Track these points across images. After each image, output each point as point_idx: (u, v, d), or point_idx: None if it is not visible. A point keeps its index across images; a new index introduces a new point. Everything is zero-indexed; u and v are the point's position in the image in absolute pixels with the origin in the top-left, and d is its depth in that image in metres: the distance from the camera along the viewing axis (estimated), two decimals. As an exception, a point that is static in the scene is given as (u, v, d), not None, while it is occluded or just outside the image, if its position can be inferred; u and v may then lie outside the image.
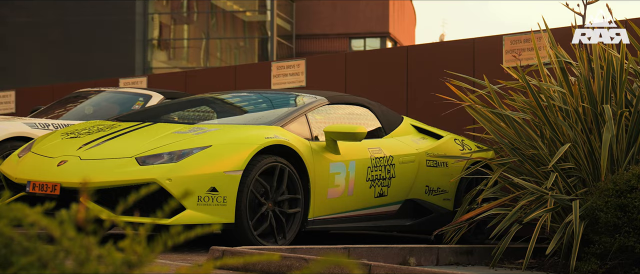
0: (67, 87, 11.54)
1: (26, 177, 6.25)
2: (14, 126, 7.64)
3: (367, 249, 6.09)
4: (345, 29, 34.42)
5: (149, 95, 8.74)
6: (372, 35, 34.37)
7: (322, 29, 34.60)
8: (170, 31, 33.29)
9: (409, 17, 39.21)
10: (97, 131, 6.68)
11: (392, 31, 34.51)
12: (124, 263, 1.78)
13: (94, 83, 11.72)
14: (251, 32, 34.47)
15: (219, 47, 33.51)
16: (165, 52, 32.98)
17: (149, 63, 31.02)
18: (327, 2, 34.51)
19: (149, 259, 1.79)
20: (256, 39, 33.95)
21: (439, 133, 7.84)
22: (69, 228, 1.71)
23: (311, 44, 34.52)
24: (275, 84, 10.05)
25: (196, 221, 5.90)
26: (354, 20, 34.28)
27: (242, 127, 6.60)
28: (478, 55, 8.64)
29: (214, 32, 33.26)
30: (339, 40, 34.43)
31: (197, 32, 33.15)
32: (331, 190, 6.69)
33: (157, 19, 32.12)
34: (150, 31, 31.48)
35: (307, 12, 34.64)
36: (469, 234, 7.49)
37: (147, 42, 31.01)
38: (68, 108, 8.94)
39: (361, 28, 34.30)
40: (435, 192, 7.50)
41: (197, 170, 5.96)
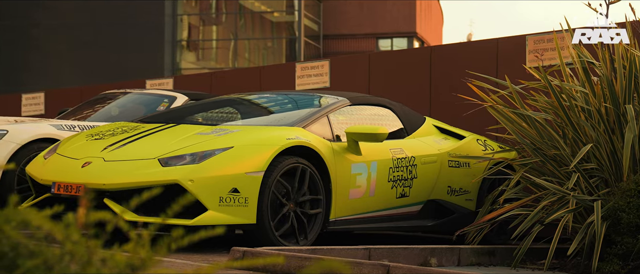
0: (95, 89, 11.66)
1: (51, 178, 6.33)
2: (40, 127, 7.73)
3: (388, 249, 6.11)
4: (372, 29, 34.40)
5: (173, 96, 8.81)
6: (399, 35, 34.32)
7: (349, 29, 34.60)
8: (199, 32, 33.44)
9: (436, 17, 39.11)
10: (121, 132, 6.74)
11: (419, 31, 34.45)
12: (128, 265, 1.82)
13: (121, 84, 11.83)
14: (279, 32, 34.56)
15: (248, 48, 33.62)
16: (194, 53, 33.14)
17: (177, 64, 31.18)
18: (354, 2, 34.50)
19: (153, 262, 1.83)
20: (284, 40, 34.03)
21: (462, 133, 7.85)
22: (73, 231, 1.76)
23: (338, 44, 34.54)
24: (299, 84, 10.09)
25: (218, 222, 5.94)
26: (381, 20, 34.25)
27: (263, 129, 6.64)
28: (501, 56, 8.63)
29: (243, 33, 33.37)
30: (366, 40, 34.41)
31: (226, 33, 33.28)
32: (353, 191, 6.71)
33: (186, 20, 32.29)
34: (179, 32, 31.64)
35: (335, 13, 34.66)
36: (492, 235, 7.49)
37: (176, 43, 31.17)
38: (95, 110, 9.03)
39: (388, 28, 34.26)
40: (458, 192, 7.51)
41: (219, 171, 6.00)
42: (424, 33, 35.36)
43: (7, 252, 1.83)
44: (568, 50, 6.96)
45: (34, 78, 31.01)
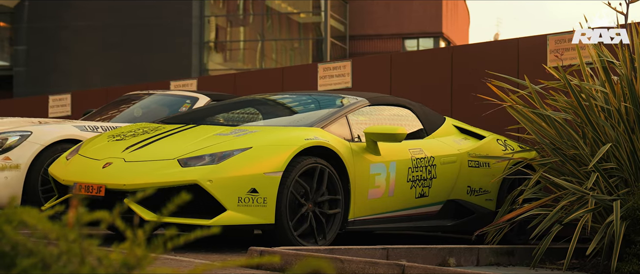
0: (120, 90, 11.76)
1: (73, 178, 6.40)
2: (64, 128, 7.81)
3: (406, 249, 6.12)
4: (398, 29, 34.35)
5: (195, 97, 8.87)
6: (425, 36, 34.26)
7: (375, 30, 34.58)
8: (226, 33, 33.57)
9: (462, 16, 38.98)
10: (142, 133, 6.80)
11: (445, 31, 34.36)
12: (123, 264, 1.86)
13: (145, 86, 11.92)
14: (306, 33, 34.61)
15: (275, 49, 33.71)
16: (221, 54, 33.26)
17: (205, 65, 31.31)
18: (380, 3, 34.47)
19: (148, 261, 1.86)
20: (310, 41, 34.07)
21: (482, 133, 7.84)
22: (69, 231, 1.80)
23: (364, 45, 34.53)
24: (321, 85, 10.13)
25: (236, 222, 5.99)
26: (407, 21, 34.19)
27: (282, 129, 6.68)
28: (523, 55, 8.61)
29: (270, 34, 33.46)
30: (392, 40, 34.37)
31: (253, 34, 33.38)
32: (371, 191, 6.73)
33: (213, 22, 32.42)
34: (207, 33, 31.77)
35: (361, 13, 34.65)
36: (512, 235, 7.48)
37: (203, 45, 31.31)
38: (118, 111, 9.11)
39: (414, 28, 34.20)
40: (477, 192, 7.50)
41: (238, 171, 6.04)
42: (450, 33, 35.27)
43: (7, 251, 1.88)
44: (588, 50, 6.94)
45: (63, 80, 31.29)
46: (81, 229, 1.79)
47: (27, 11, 32.94)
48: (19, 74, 33.02)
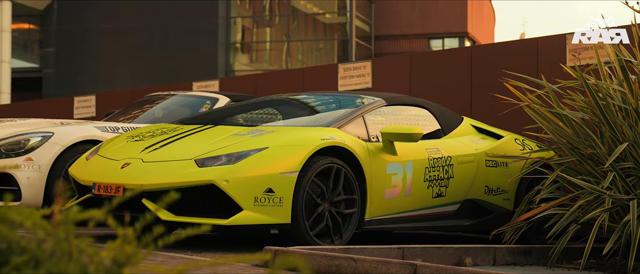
0: (144, 91, 11.85)
1: (92, 179, 6.46)
2: (85, 129, 7.89)
3: (421, 249, 6.13)
4: (423, 29, 34.31)
5: (215, 98, 8.93)
6: (450, 35, 34.19)
7: (400, 30, 34.55)
8: (252, 34, 33.68)
9: (487, 16, 38.85)
10: (160, 134, 6.86)
11: (471, 31, 34.26)
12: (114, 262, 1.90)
13: (167, 87, 12.01)
14: (331, 34, 34.65)
15: (301, 50, 33.77)
16: (247, 55, 33.38)
17: (231, 66, 31.44)
18: (405, 3, 34.44)
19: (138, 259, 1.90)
20: (336, 41, 34.11)
21: (500, 133, 7.84)
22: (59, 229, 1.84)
23: (390, 45, 34.52)
24: (342, 85, 10.16)
25: (253, 221, 6.02)
26: (432, 21, 34.15)
27: (298, 129, 6.71)
28: (542, 55, 8.59)
29: (296, 34, 33.54)
30: (418, 40, 34.34)
31: (279, 34, 33.48)
32: (388, 190, 6.75)
33: (239, 23, 32.55)
34: (233, 34, 31.90)
35: (386, 13, 34.65)
36: (530, 234, 7.48)
37: (229, 46, 31.44)
38: (140, 112, 9.19)
39: (439, 28, 34.15)
40: (495, 192, 7.50)
41: (254, 171, 6.07)
42: (475, 33, 35.17)
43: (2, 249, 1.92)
44: (606, 50, 6.92)
45: (91, 81, 31.55)
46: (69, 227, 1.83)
47: (55, 14, 33.27)
48: (48, 75, 33.35)
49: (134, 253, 1.95)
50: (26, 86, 33.75)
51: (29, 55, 35.69)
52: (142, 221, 2.00)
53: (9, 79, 30.10)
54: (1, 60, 29.86)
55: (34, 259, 1.91)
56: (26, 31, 35.48)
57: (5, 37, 29.98)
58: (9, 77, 30.10)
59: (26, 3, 32.12)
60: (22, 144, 7.67)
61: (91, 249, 1.90)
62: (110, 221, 1.98)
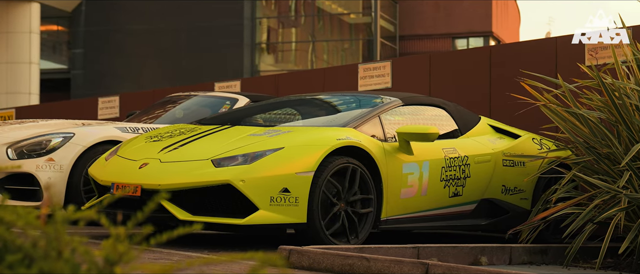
0: (166, 92, 11.93)
1: (111, 179, 6.53)
2: (105, 130, 7.98)
3: (437, 248, 6.15)
4: (447, 29, 34.25)
5: (235, 99, 8.99)
6: (475, 35, 34.10)
7: (425, 30, 34.52)
8: (277, 34, 33.77)
9: (512, 15, 38.70)
10: (178, 134, 6.92)
11: (495, 30, 34.15)
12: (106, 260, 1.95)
13: (190, 87, 12.09)
14: (357, 34, 34.67)
15: (326, 50, 33.82)
16: (272, 56, 33.49)
17: (256, 66, 31.55)
18: (430, 3, 34.40)
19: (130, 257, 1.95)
20: (361, 41, 34.13)
21: (518, 133, 7.84)
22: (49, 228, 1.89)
23: (414, 45, 34.49)
24: (362, 86, 10.19)
25: (269, 221, 6.07)
26: (456, 20, 34.08)
27: (314, 129, 6.75)
28: (560, 54, 8.57)
29: (321, 35, 33.59)
30: (442, 40, 34.28)
31: (304, 35, 33.54)
32: (404, 190, 6.77)
33: (265, 23, 32.65)
34: (258, 35, 32.01)
35: (411, 13, 34.62)
36: (548, 233, 7.48)
37: (254, 46, 31.55)
38: (160, 112, 9.27)
39: (464, 28, 34.07)
40: (512, 191, 7.50)
41: (270, 171, 6.11)
42: (500, 32, 35.05)
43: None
44: (623, 49, 6.90)
45: (118, 82, 31.78)
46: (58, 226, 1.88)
47: (83, 15, 33.54)
48: (76, 76, 33.64)
49: (125, 251, 1.99)
50: (55, 87, 34.07)
51: (58, 57, 36.03)
52: (133, 220, 2.04)
53: (37, 80, 30.40)
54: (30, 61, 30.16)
55: (28, 257, 1.95)
56: (55, 33, 35.82)
57: (34, 38, 30.28)
58: (37, 79, 30.40)
59: (54, 5, 32.42)
60: (44, 144, 7.77)
61: (82, 248, 1.94)
62: (103, 221, 2.03)
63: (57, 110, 15.40)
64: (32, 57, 30.22)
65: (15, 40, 29.96)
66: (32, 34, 30.24)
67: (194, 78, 29.07)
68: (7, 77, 29.91)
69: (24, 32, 30.09)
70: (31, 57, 30.21)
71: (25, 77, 30.08)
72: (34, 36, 30.27)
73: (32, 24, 30.24)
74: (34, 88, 30.31)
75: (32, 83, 30.25)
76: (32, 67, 30.26)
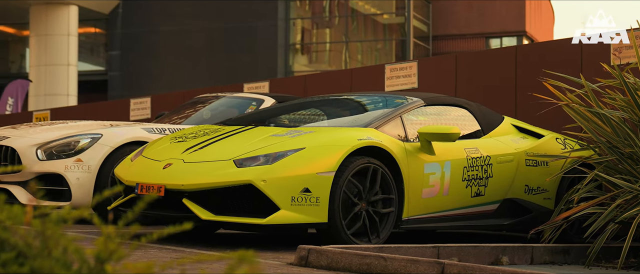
0: (196, 93, 12.05)
1: (135, 179, 6.61)
2: (132, 131, 8.09)
3: (457, 248, 6.17)
4: (481, 28, 34.12)
5: (261, 99, 9.06)
6: (508, 34, 33.93)
7: (458, 30, 34.41)
8: (311, 35, 33.86)
9: (546, 15, 38.44)
10: (202, 135, 6.99)
11: (529, 30, 33.96)
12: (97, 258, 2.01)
13: (220, 88, 12.20)
14: (391, 34, 34.65)
15: (360, 50, 33.84)
16: (306, 56, 33.58)
17: (290, 67, 31.65)
18: (463, 3, 34.29)
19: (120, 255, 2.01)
20: (394, 41, 34.09)
21: (541, 132, 7.83)
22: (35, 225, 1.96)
23: (447, 45, 34.40)
24: (388, 86, 10.23)
25: (290, 221, 6.12)
26: (490, 20, 33.94)
27: (335, 130, 6.79)
28: (586, 54, 8.54)
29: (355, 35, 33.61)
30: (475, 40, 34.15)
31: (338, 35, 33.59)
32: (426, 190, 6.79)
33: (299, 24, 32.75)
34: (292, 36, 32.11)
35: (444, 13, 34.54)
36: (572, 233, 7.46)
37: (288, 47, 31.66)
38: (188, 113, 9.37)
39: (497, 27, 33.92)
40: (535, 191, 7.50)
41: (291, 171, 6.15)
42: (534, 32, 34.84)
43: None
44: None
45: (154, 83, 32.05)
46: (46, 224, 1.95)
47: (120, 18, 33.86)
48: (113, 78, 33.98)
49: (115, 249, 2.05)
50: (92, 88, 34.45)
51: (95, 59, 36.42)
52: (124, 219, 2.10)
53: (75, 81, 30.77)
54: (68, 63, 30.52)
55: (22, 255, 2.02)
56: (92, 35, 36.21)
57: (72, 41, 30.64)
58: (75, 80, 30.77)
59: (92, 7, 32.78)
60: (72, 145, 7.90)
61: (73, 246, 2.01)
62: (95, 220, 2.09)
63: (91, 111, 15.59)
64: (70, 59, 30.59)
65: (54, 43, 30.36)
66: (70, 36, 30.61)
67: (228, 79, 29.24)
68: (46, 79, 30.31)
69: (62, 34, 30.48)
70: (69, 59, 30.58)
71: (63, 79, 30.46)
72: (72, 39, 30.64)
73: (70, 26, 30.62)
74: (72, 90, 30.68)
75: (70, 85, 30.62)
76: (70, 69, 30.63)
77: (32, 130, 8.39)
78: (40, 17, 30.54)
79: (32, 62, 30.75)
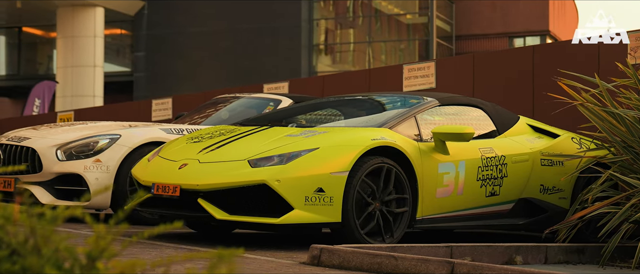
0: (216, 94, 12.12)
1: (151, 179, 6.67)
2: (150, 131, 8.16)
3: (470, 247, 6.18)
4: (504, 28, 33.99)
5: (279, 100, 9.11)
6: (531, 34, 33.78)
7: (481, 29, 34.31)
8: (334, 36, 33.88)
9: (570, 15, 38.21)
10: (218, 135, 7.05)
11: (552, 29, 33.78)
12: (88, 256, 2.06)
13: (239, 89, 12.27)
14: (414, 34, 34.60)
15: (384, 50, 33.82)
16: (330, 56, 33.61)
17: (314, 67, 31.70)
18: (486, 3, 34.18)
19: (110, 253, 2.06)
20: (417, 41, 34.04)
21: (557, 132, 7.82)
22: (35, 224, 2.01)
23: (471, 45, 34.30)
24: (406, 86, 10.25)
25: (303, 220, 6.15)
26: (513, 20, 33.81)
27: (349, 130, 6.82)
28: (603, 53, 8.51)
29: (379, 35, 33.61)
30: (499, 39, 34.03)
31: (361, 35, 33.60)
32: (440, 190, 6.81)
33: (322, 24, 32.79)
34: (316, 36, 32.16)
35: (467, 13, 34.45)
36: (588, 233, 7.45)
37: (312, 47, 31.71)
38: (208, 113, 9.44)
39: (521, 27, 33.78)
40: (551, 191, 7.50)
41: (305, 171, 6.19)
42: (558, 31, 34.65)
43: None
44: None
45: (178, 84, 32.21)
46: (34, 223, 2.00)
47: (145, 19, 34.07)
48: (138, 79, 34.18)
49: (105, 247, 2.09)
50: (118, 89, 34.68)
51: (121, 60, 36.66)
52: (115, 218, 2.15)
53: (101, 82, 30.99)
54: (95, 64, 30.75)
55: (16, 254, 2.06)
56: (118, 36, 36.46)
57: (99, 42, 30.87)
58: (101, 81, 30.99)
59: (118, 9, 32.99)
60: (91, 146, 7.99)
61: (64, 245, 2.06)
62: (87, 219, 2.14)
63: (114, 112, 15.73)
64: (96, 60, 30.82)
65: (81, 44, 30.60)
66: (96, 37, 30.85)
67: (252, 79, 29.33)
68: (73, 80, 30.55)
69: (88, 36, 30.72)
70: (96, 60, 30.81)
71: (89, 80, 30.70)
72: (98, 40, 30.87)
73: (96, 28, 30.85)
74: (98, 91, 30.91)
75: (96, 86, 30.85)
76: (97, 70, 30.85)
77: (52, 131, 8.49)
78: (67, 19, 30.80)
79: (59, 63, 31.01)
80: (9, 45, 37.67)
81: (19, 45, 37.35)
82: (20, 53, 37.35)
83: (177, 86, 31.75)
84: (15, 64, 37.44)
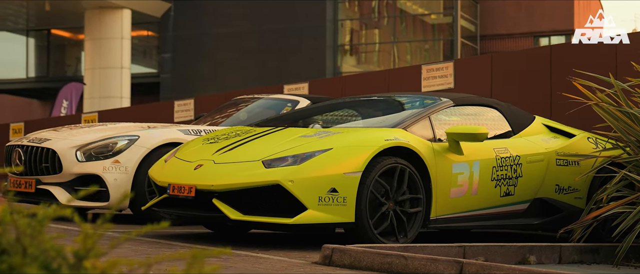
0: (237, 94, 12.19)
1: (167, 180, 6.74)
2: (168, 132, 8.24)
3: (483, 247, 6.20)
4: (529, 28, 33.83)
5: (296, 101, 9.15)
6: (557, 33, 33.59)
7: (506, 29, 34.17)
8: (359, 36, 33.89)
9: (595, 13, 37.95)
10: (234, 136, 7.10)
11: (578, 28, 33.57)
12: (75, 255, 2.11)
13: (258, 89, 12.33)
14: (439, 34, 34.54)
15: (409, 50, 33.79)
16: (355, 57, 33.62)
17: (339, 68, 31.72)
18: (511, 2, 34.05)
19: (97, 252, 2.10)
20: (442, 41, 33.97)
21: (573, 132, 7.81)
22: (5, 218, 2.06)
23: (495, 45, 34.17)
24: (425, 86, 10.26)
25: (317, 220, 6.19)
26: (538, 19, 33.63)
27: (363, 130, 6.85)
28: (621, 53, 8.48)
29: (403, 36, 33.57)
30: (524, 39, 33.88)
31: (386, 36, 33.58)
32: (454, 190, 6.83)
33: (347, 25, 32.81)
34: (341, 36, 32.19)
35: (492, 13, 34.32)
36: (603, 232, 7.43)
37: (337, 48, 31.74)
38: (228, 114, 9.50)
39: (546, 26, 33.60)
40: (566, 190, 7.48)
41: (318, 172, 6.22)
42: (583, 30, 34.40)
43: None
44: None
45: (204, 85, 32.35)
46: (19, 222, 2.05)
47: (172, 21, 34.25)
48: (165, 80, 34.37)
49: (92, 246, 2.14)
50: (145, 90, 34.89)
51: (148, 61, 36.89)
52: (102, 219, 2.20)
53: (128, 84, 31.21)
54: (121, 66, 30.97)
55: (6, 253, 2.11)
56: (145, 38, 36.69)
57: (126, 44, 31.09)
58: (128, 83, 31.21)
59: (145, 11, 33.20)
60: (110, 147, 8.08)
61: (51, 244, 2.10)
62: (76, 218, 2.19)
63: (137, 113, 15.85)
64: (123, 62, 31.04)
65: (108, 46, 30.84)
66: (123, 39, 31.07)
67: (277, 80, 29.40)
68: (101, 82, 30.79)
69: (116, 38, 30.95)
70: (123, 62, 31.03)
71: (117, 81, 30.92)
72: (125, 42, 31.09)
73: (123, 30, 31.07)
74: (125, 92, 31.13)
75: (123, 87, 31.07)
76: (124, 71, 31.08)
77: (73, 132, 8.59)
78: (94, 21, 31.05)
79: (87, 65, 31.27)
80: (38, 47, 38.03)
81: (47, 48, 37.70)
82: (49, 55, 37.70)
83: (203, 87, 31.90)
84: (44, 66, 37.79)
